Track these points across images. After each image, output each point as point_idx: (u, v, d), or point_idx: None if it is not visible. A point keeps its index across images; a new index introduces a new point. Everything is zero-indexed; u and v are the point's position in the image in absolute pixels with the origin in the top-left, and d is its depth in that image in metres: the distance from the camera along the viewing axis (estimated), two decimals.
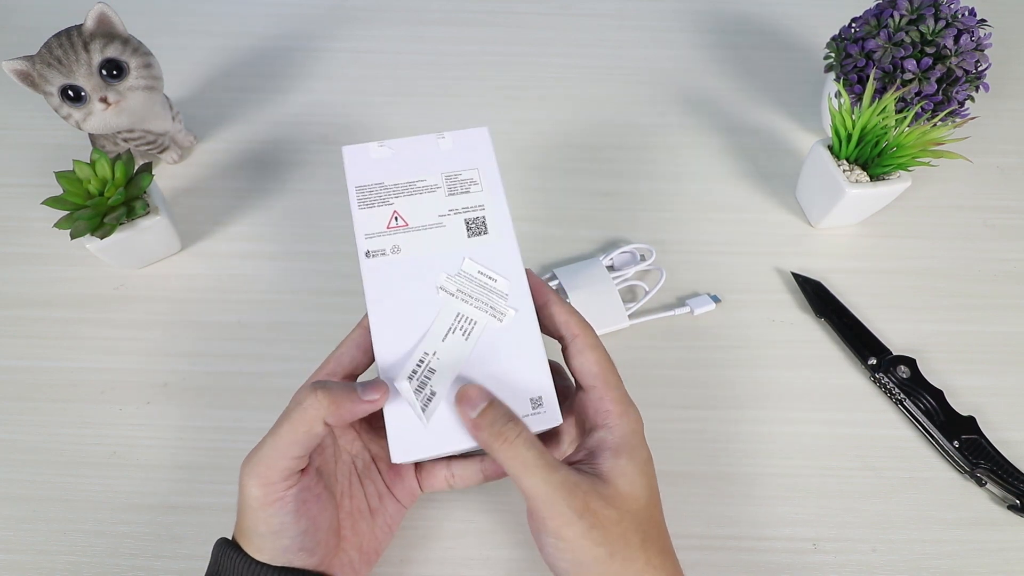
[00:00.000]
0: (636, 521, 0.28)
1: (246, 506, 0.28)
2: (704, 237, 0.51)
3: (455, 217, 0.32)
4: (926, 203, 0.53)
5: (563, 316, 0.31)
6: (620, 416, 0.30)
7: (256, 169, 0.55)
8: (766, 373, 0.44)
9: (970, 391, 0.43)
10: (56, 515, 0.38)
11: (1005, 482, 0.39)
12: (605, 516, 0.27)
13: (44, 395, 0.42)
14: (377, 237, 0.32)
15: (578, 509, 0.26)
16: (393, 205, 0.32)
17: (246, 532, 0.28)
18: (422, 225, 0.32)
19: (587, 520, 0.26)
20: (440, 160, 0.33)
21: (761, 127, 0.58)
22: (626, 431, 0.29)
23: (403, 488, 0.34)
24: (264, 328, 0.46)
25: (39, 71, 0.43)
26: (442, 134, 0.34)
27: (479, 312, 0.31)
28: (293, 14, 0.67)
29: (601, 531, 0.26)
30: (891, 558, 0.37)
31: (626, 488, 0.28)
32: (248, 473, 0.28)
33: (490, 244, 0.32)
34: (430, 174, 0.33)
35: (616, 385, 0.30)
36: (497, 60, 0.63)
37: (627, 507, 0.28)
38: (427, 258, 0.31)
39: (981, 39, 0.49)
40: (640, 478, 0.29)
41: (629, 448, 0.29)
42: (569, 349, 0.31)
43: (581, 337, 0.31)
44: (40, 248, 0.49)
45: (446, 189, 0.33)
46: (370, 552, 0.33)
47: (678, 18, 0.68)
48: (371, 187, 0.33)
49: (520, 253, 0.32)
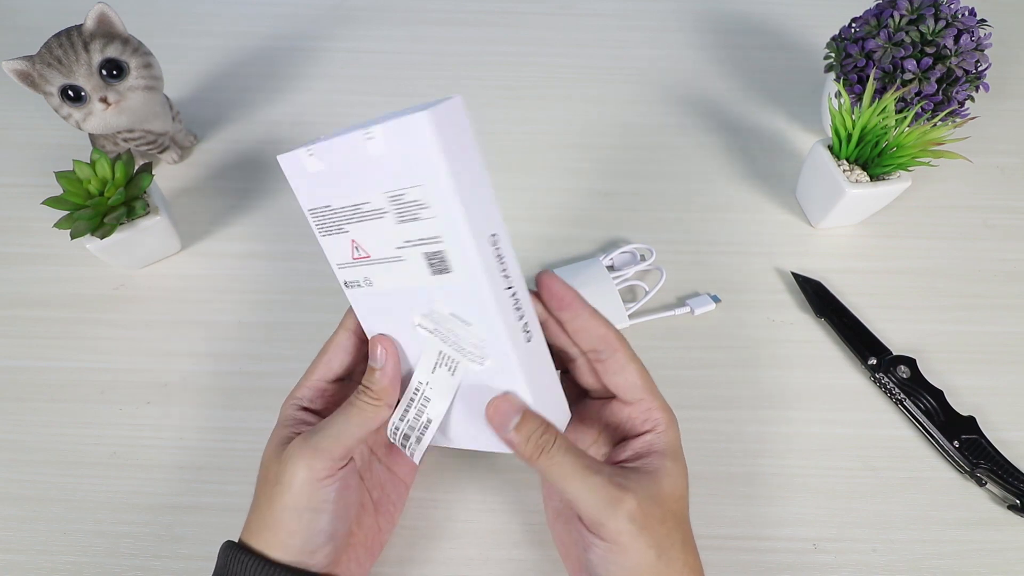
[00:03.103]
0: (676, 520, 0.28)
1: (286, 486, 0.28)
2: (704, 237, 0.51)
3: (413, 250, 0.26)
4: (926, 203, 0.53)
5: (600, 330, 0.29)
6: (669, 424, 0.30)
7: (256, 169, 0.55)
8: (766, 373, 0.44)
9: (970, 391, 0.43)
10: (56, 515, 0.38)
11: (1005, 482, 0.39)
12: (652, 515, 0.27)
13: (44, 395, 0.42)
14: (348, 268, 0.29)
15: (629, 511, 0.26)
16: (349, 233, 0.27)
17: (268, 523, 0.28)
18: (382, 258, 0.27)
19: (638, 522, 0.26)
20: (377, 172, 0.25)
21: (761, 127, 0.58)
22: (673, 437, 0.30)
23: (403, 459, 0.35)
24: (264, 328, 0.46)
25: (39, 71, 0.43)
26: (368, 131, 0.24)
27: (459, 354, 0.28)
28: (293, 14, 0.67)
29: (650, 533, 0.26)
30: (891, 558, 0.37)
31: (670, 488, 0.28)
32: (310, 449, 0.28)
33: (456, 284, 0.26)
34: (372, 194, 0.25)
35: (658, 394, 0.30)
36: (497, 60, 0.63)
37: (669, 506, 0.28)
38: (398, 293, 0.28)
39: (981, 39, 0.49)
40: (682, 481, 0.29)
41: (674, 451, 0.29)
42: (607, 363, 0.29)
43: (621, 352, 0.29)
44: (40, 248, 0.49)
45: (394, 215, 0.25)
46: (374, 546, 0.33)
47: (678, 18, 0.68)
48: (322, 210, 0.28)
49: (493, 291, 0.25)
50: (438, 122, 0.23)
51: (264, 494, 0.29)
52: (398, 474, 0.35)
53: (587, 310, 0.29)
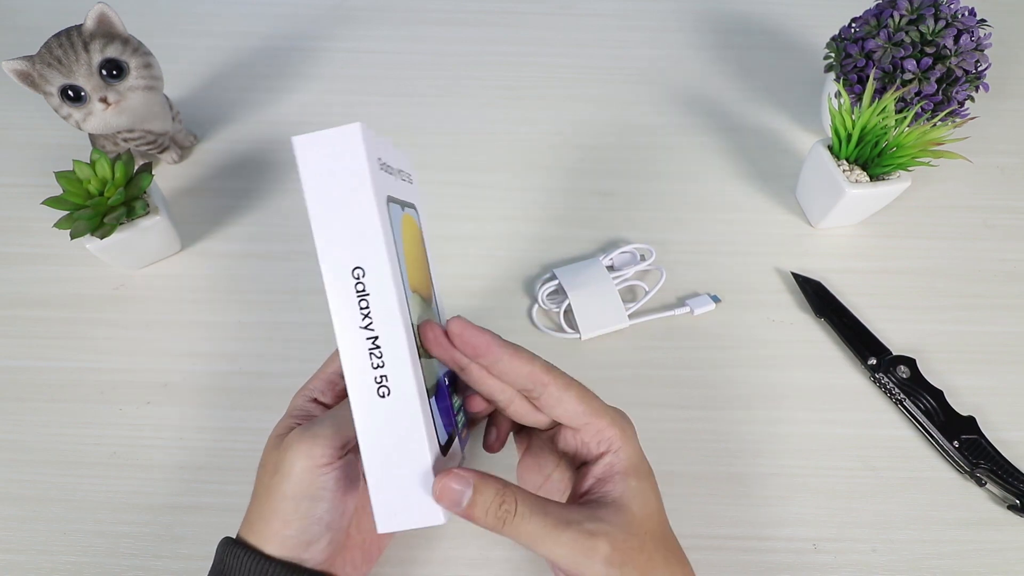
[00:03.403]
0: (655, 540, 0.28)
1: (284, 474, 0.28)
2: (704, 237, 0.51)
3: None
4: (926, 203, 0.53)
5: (523, 368, 0.27)
6: (621, 438, 0.29)
7: (256, 169, 0.55)
8: (766, 373, 0.44)
9: (970, 391, 0.43)
10: (56, 515, 0.38)
11: (1005, 482, 0.39)
12: (629, 549, 0.26)
13: (44, 395, 0.42)
14: None
15: (605, 556, 0.26)
16: None
17: (264, 514, 0.28)
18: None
19: (617, 563, 0.26)
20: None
21: (761, 127, 0.58)
22: (631, 451, 0.29)
23: None
24: (264, 328, 0.46)
25: (39, 71, 0.43)
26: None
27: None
28: (293, 14, 0.67)
29: (632, 567, 0.26)
30: (891, 558, 0.37)
31: (641, 510, 0.28)
32: (309, 437, 0.28)
33: None
34: None
35: (604, 410, 0.29)
36: (497, 60, 0.63)
37: (646, 529, 0.28)
38: None
39: (981, 39, 0.49)
40: (651, 494, 0.29)
41: (636, 467, 0.29)
42: (542, 400, 0.28)
43: (552, 385, 0.28)
44: (40, 248, 0.49)
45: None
46: (372, 549, 0.33)
47: (678, 18, 0.68)
48: None
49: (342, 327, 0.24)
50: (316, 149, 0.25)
51: (263, 484, 0.29)
52: None
53: (506, 352, 0.27)
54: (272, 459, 0.29)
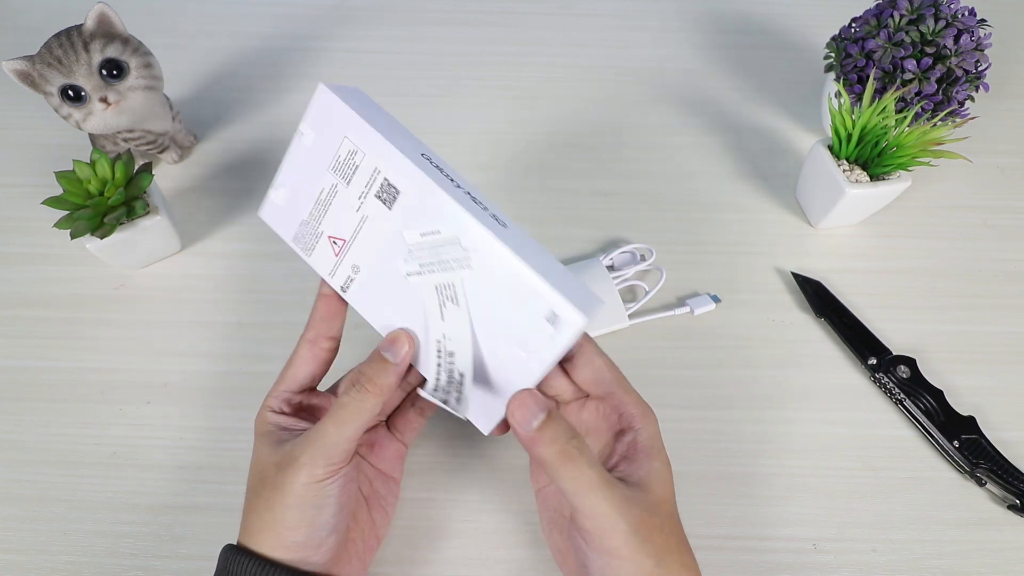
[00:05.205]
0: (671, 523, 0.28)
1: (287, 492, 0.28)
2: (704, 237, 0.51)
3: (368, 200, 0.28)
4: (926, 203, 0.53)
5: None
6: (644, 417, 0.30)
7: (256, 169, 0.55)
8: (766, 373, 0.44)
9: (970, 391, 0.43)
10: (56, 515, 0.38)
11: (1005, 482, 0.39)
12: (651, 525, 0.27)
13: (44, 395, 0.42)
14: (337, 268, 0.30)
15: (633, 524, 0.26)
16: (323, 232, 0.30)
17: (268, 524, 0.28)
18: (353, 230, 0.29)
19: (641, 534, 0.26)
20: (317, 157, 0.29)
21: (761, 127, 0.58)
22: (652, 431, 0.30)
23: (386, 455, 0.35)
24: (264, 328, 0.46)
25: (39, 71, 0.43)
26: (300, 131, 0.29)
27: (450, 272, 0.27)
28: (293, 14, 0.67)
29: (651, 543, 0.26)
30: (891, 558, 0.37)
31: (661, 491, 0.28)
32: (309, 457, 0.28)
33: (410, 201, 0.27)
34: (321, 177, 0.29)
35: (630, 387, 0.30)
36: (497, 60, 0.63)
37: (664, 511, 0.28)
38: (380, 257, 0.29)
39: (981, 39, 0.49)
40: (670, 479, 0.29)
41: (657, 449, 0.29)
42: (576, 359, 0.30)
43: (587, 347, 0.30)
44: (40, 248, 0.49)
45: (342, 180, 0.29)
46: (370, 541, 0.33)
47: (679, 18, 0.68)
48: (300, 232, 0.31)
49: (442, 184, 0.27)
50: (335, 88, 0.28)
51: (263, 498, 0.29)
52: (383, 469, 0.34)
53: None
54: (271, 476, 0.29)
